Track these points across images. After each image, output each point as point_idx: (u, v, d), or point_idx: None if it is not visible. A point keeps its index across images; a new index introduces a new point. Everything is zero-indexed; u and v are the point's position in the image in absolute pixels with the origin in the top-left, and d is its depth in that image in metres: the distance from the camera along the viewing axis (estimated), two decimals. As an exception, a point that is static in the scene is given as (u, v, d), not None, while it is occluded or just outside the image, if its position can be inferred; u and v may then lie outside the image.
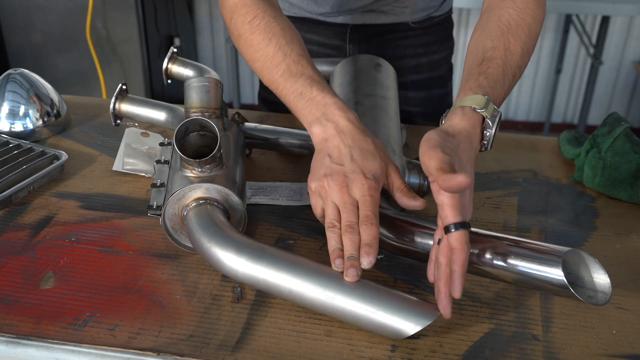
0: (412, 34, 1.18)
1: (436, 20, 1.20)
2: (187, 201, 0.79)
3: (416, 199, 0.75)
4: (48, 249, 0.82)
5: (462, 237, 0.66)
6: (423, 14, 1.17)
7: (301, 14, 1.17)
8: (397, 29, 1.17)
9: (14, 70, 1.11)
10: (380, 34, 1.17)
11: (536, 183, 1.00)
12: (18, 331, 0.69)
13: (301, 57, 0.83)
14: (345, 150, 0.75)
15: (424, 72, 1.22)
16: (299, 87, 0.80)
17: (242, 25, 0.86)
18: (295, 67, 0.82)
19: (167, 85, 1.06)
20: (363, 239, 0.70)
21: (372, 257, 0.69)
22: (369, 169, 0.74)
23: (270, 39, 0.83)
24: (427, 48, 1.20)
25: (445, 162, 0.65)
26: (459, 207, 0.67)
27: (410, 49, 1.20)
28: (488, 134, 0.73)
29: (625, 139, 0.95)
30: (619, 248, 0.85)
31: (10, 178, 0.93)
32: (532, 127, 3.40)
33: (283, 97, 0.83)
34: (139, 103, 1.00)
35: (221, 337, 0.69)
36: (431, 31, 1.20)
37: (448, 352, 0.68)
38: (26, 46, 2.73)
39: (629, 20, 3.08)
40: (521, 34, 0.81)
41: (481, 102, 0.72)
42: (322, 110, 0.78)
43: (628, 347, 0.69)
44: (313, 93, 0.79)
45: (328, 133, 0.77)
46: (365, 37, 1.17)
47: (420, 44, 1.20)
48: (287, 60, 0.82)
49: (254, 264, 0.71)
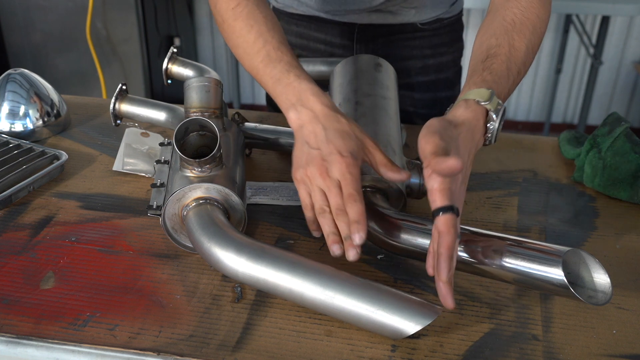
0: (420, 35, 1.18)
1: (445, 22, 1.19)
2: (187, 201, 0.79)
3: (401, 172, 0.76)
4: (48, 249, 0.82)
5: (449, 221, 0.66)
6: (432, 15, 1.16)
7: (309, 12, 1.17)
8: (404, 30, 1.17)
9: (14, 70, 1.11)
10: (388, 34, 1.17)
11: (536, 183, 1.00)
12: (18, 331, 0.69)
13: (281, 44, 0.84)
14: (321, 134, 0.76)
15: (431, 74, 1.21)
16: (277, 73, 0.82)
17: (225, 12, 0.88)
18: (275, 54, 0.83)
19: (167, 85, 1.06)
20: (350, 217, 0.72)
21: (362, 232, 0.71)
22: (345, 148, 0.74)
23: (252, 26, 0.85)
24: (434, 50, 1.20)
25: (440, 147, 0.65)
26: (448, 192, 0.66)
27: (418, 50, 1.19)
28: (492, 127, 0.73)
29: (625, 139, 0.95)
30: (619, 248, 0.85)
31: (10, 178, 0.93)
32: (532, 127, 3.41)
33: (263, 83, 0.84)
34: (139, 103, 1.00)
35: (221, 337, 0.69)
36: (440, 33, 1.19)
37: (448, 352, 0.68)
38: (26, 46, 2.73)
39: (629, 20, 3.08)
40: (525, 31, 0.81)
41: (485, 95, 0.72)
42: (298, 96, 0.79)
43: (628, 347, 0.69)
44: (290, 79, 0.81)
45: (303, 119, 0.78)
46: (372, 37, 1.17)
47: (428, 45, 1.19)
48: (267, 46, 0.84)
49: (254, 264, 0.71)
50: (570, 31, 3.09)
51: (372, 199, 0.80)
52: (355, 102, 0.93)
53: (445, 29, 1.20)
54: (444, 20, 1.19)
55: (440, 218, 0.66)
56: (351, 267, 0.80)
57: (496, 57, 0.78)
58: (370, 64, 1.01)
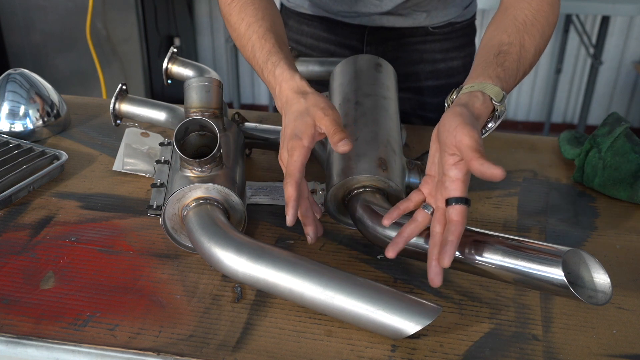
0: (431, 39, 1.16)
1: (457, 26, 1.17)
2: (187, 201, 0.79)
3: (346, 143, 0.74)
4: (48, 249, 0.82)
5: (463, 212, 0.69)
6: (443, 19, 1.15)
7: (320, 13, 1.17)
8: (415, 33, 1.15)
9: (14, 70, 1.11)
10: (398, 37, 1.16)
11: (536, 183, 1.00)
12: (18, 331, 0.69)
13: (267, 32, 0.86)
14: (286, 118, 0.79)
15: (441, 79, 1.19)
16: (261, 63, 0.85)
17: (224, 7, 0.93)
18: (259, 43, 0.85)
19: (167, 85, 1.06)
20: None
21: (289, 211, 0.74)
22: (297, 130, 0.76)
23: (242, 19, 0.89)
24: (445, 54, 1.18)
25: (480, 144, 0.67)
26: (466, 185, 0.70)
27: (428, 54, 1.17)
28: (490, 126, 0.76)
29: (625, 139, 0.95)
30: (619, 248, 0.85)
31: (10, 178, 0.93)
32: (532, 127, 3.41)
33: (257, 73, 0.87)
34: (139, 103, 1.00)
35: (221, 337, 0.69)
36: (451, 37, 1.17)
37: (448, 352, 0.68)
38: (26, 46, 2.73)
39: (629, 20, 3.08)
40: (535, 34, 0.82)
41: (499, 96, 0.74)
42: (274, 83, 0.82)
43: (628, 347, 0.69)
44: (269, 67, 0.83)
45: (279, 105, 0.82)
46: (382, 40, 1.16)
47: (439, 49, 1.17)
48: (253, 37, 0.86)
49: (254, 264, 0.71)
50: (570, 31, 3.10)
51: (372, 199, 0.80)
52: (355, 102, 0.93)
53: (457, 33, 1.18)
54: (455, 25, 1.17)
55: (455, 207, 0.69)
56: (351, 267, 0.80)
57: (508, 54, 0.79)
58: (371, 64, 1.01)
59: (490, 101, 0.74)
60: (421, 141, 1.10)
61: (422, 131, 1.14)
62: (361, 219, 0.79)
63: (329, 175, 0.85)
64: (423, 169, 0.86)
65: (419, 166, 0.86)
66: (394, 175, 0.82)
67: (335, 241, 0.85)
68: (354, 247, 0.84)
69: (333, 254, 0.82)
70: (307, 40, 1.21)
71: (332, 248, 0.84)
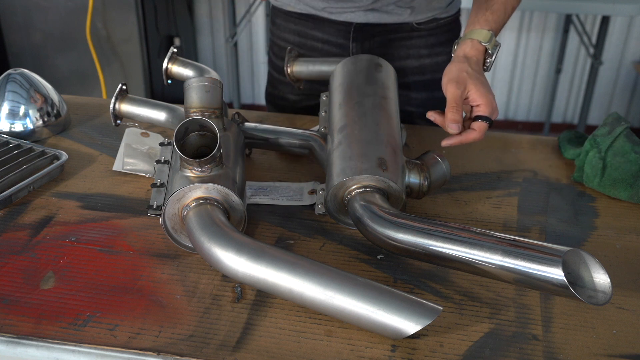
0: (416, 35, 1.18)
1: (442, 22, 1.19)
2: (187, 201, 0.79)
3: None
4: (48, 249, 0.82)
5: (484, 127, 0.89)
6: (427, 15, 1.17)
7: (307, 10, 1.18)
8: (400, 29, 1.17)
9: (14, 70, 1.11)
10: (384, 33, 1.17)
11: (536, 183, 1.00)
12: (18, 331, 0.69)
13: None
14: None
15: (427, 74, 1.21)
16: None
17: None
18: None
19: (167, 85, 1.05)
20: None
21: None
22: None
23: None
24: (431, 50, 1.20)
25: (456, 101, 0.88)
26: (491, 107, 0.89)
27: (414, 49, 1.19)
28: (489, 61, 0.96)
29: (625, 139, 0.95)
30: (619, 248, 0.85)
31: (10, 178, 0.93)
32: (532, 127, 3.40)
33: None
34: (139, 103, 1.00)
35: (221, 337, 0.69)
36: (436, 32, 1.20)
37: (448, 352, 0.68)
38: (26, 46, 2.73)
39: (629, 20, 3.08)
40: None
41: (486, 36, 0.95)
42: None
43: (628, 347, 0.69)
44: None
45: None
46: (368, 36, 1.18)
47: (425, 45, 1.19)
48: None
49: (254, 264, 0.71)
50: (570, 31, 3.09)
51: (372, 199, 0.80)
52: (355, 102, 0.93)
53: (442, 29, 1.20)
54: (440, 20, 1.19)
55: (478, 123, 0.89)
56: (351, 267, 0.80)
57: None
58: (371, 64, 1.01)
59: (479, 43, 0.95)
60: (421, 141, 1.10)
61: (422, 131, 1.14)
62: (361, 219, 0.79)
63: (329, 175, 0.85)
64: (423, 169, 0.86)
65: (419, 166, 0.86)
66: (394, 175, 0.82)
67: (335, 241, 0.85)
68: (354, 247, 0.84)
69: (333, 254, 0.82)
70: (294, 38, 1.22)
71: (332, 248, 0.84)
